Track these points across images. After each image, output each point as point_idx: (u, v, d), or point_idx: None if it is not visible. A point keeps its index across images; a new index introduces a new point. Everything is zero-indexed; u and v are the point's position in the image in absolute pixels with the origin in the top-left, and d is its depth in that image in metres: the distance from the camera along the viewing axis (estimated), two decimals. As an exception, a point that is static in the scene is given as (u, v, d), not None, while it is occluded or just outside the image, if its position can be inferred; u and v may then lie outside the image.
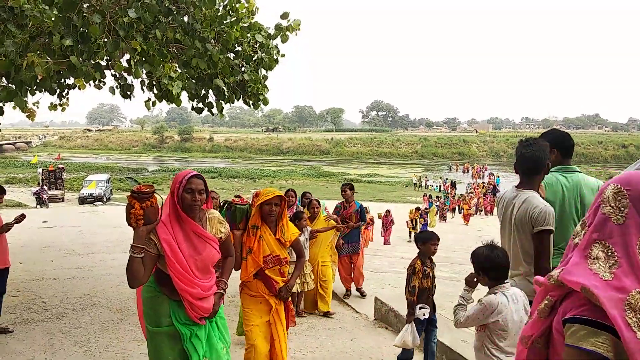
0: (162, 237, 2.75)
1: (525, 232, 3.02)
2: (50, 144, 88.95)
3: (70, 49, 4.43)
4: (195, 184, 2.85)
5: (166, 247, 2.75)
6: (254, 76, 6.12)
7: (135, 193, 2.65)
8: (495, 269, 2.81)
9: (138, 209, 2.63)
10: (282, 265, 3.87)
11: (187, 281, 2.80)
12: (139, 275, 2.69)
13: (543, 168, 3.12)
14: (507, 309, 2.74)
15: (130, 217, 2.65)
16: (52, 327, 5.67)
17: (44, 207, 26.05)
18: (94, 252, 10.76)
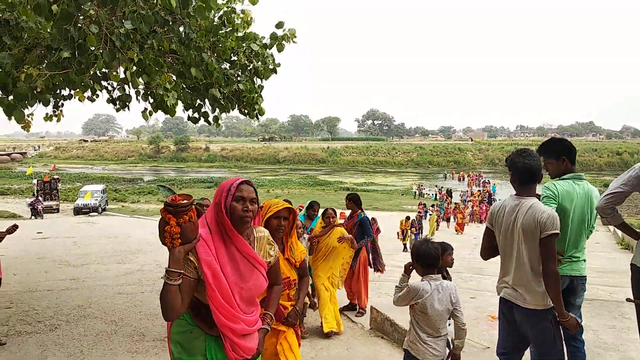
0: (203, 258, 2.26)
1: (532, 238, 3.08)
2: (46, 155, 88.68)
3: (68, 60, 4.43)
4: (247, 192, 2.41)
5: (207, 271, 2.25)
6: (249, 85, 6.13)
7: (170, 206, 2.18)
8: (425, 260, 3.27)
9: (174, 226, 2.16)
10: (291, 288, 3.45)
11: (230, 315, 2.31)
12: (175, 306, 2.18)
13: (539, 177, 3.23)
14: (429, 295, 3.19)
15: (165, 235, 2.17)
16: (45, 339, 5.62)
17: (39, 218, 25.92)
18: (89, 263, 10.70)
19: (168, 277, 2.18)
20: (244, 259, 2.36)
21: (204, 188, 46.58)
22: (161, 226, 2.20)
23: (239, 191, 2.40)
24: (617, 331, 5.48)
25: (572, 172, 3.67)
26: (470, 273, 10.31)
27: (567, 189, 3.53)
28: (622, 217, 3.50)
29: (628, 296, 3.50)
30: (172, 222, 2.16)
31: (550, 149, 3.76)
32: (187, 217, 2.19)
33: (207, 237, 2.30)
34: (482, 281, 9.18)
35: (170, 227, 2.16)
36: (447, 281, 3.34)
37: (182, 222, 2.18)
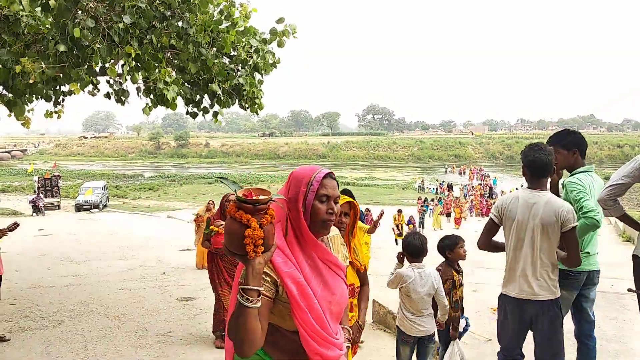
0: (283, 270, 1.77)
1: (552, 231, 3.10)
2: (46, 152, 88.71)
3: (65, 54, 4.43)
4: (332, 188, 1.90)
5: (292, 287, 1.76)
6: (249, 80, 6.12)
7: (247, 202, 1.66)
8: (410, 249, 3.72)
9: (257, 229, 1.64)
10: (354, 297, 3.07)
11: (323, 339, 1.81)
12: (256, 337, 1.66)
13: (551, 171, 3.24)
14: (412, 281, 3.63)
15: (247, 242, 1.63)
16: (48, 335, 5.64)
17: (40, 215, 25.95)
18: (91, 260, 10.73)
19: (247, 297, 1.63)
20: (325, 266, 1.91)
21: (205, 184, 46.64)
22: (233, 231, 1.66)
23: (323, 187, 1.88)
24: (618, 322, 5.50)
25: (583, 165, 3.64)
26: (472, 267, 10.31)
27: (588, 182, 3.49)
28: (623, 209, 3.50)
29: (628, 287, 3.51)
30: (253, 225, 1.65)
31: (562, 139, 3.71)
32: (269, 217, 1.71)
33: (282, 242, 1.82)
34: (484, 274, 9.20)
35: (253, 231, 1.65)
36: (430, 268, 3.74)
37: (265, 224, 1.68)
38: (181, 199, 36.70)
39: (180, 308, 6.82)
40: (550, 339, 3.22)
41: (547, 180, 3.29)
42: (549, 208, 3.09)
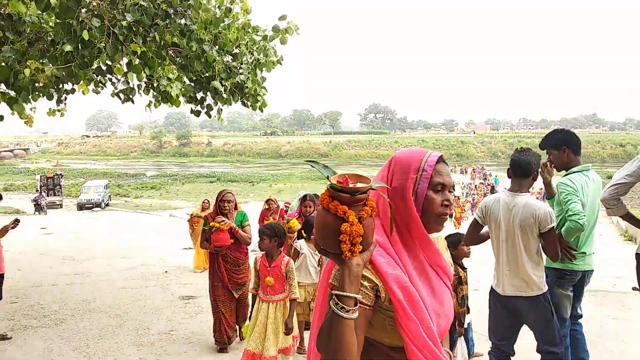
0: (387, 272, 1.45)
1: (531, 232, 3.21)
2: (49, 151, 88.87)
3: (71, 54, 4.43)
4: (447, 175, 1.59)
5: (399, 293, 1.43)
6: (251, 77, 6.11)
7: (344, 191, 1.37)
8: None
9: (355, 224, 1.35)
10: None
11: (435, 357, 1.47)
12: (351, 354, 1.36)
13: (531, 173, 3.33)
14: None
15: (343, 239, 1.34)
16: (50, 333, 5.65)
17: (42, 213, 26.01)
18: (93, 258, 10.74)
19: (342, 306, 1.35)
20: (433, 272, 1.59)
21: (207, 183, 46.67)
22: (327, 225, 1.38)
23: (438, 174, 1.56)
24: (620, 321, 5.49)
25: (578, 163, 3.62)
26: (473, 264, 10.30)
27: (581, 182, 3.49)
28: (626, 208, 3.49)
29: (633, 285, 3.51)
30: (351, 218, 1.35)
31: (550, 139, 3.73)
32: (370, 210, 1.41)
33: (383, 239, 1.52)
34: (485, 273, 9.18)
35: (351, 227, 1.34)
36: None
37: (364, 218, 1.39)
38: (183, 197, 36.73)
39: (182, 307, 6.83)
40: (545, 330, 3.31)
41: (529, 181, 3.35)
42: (527, 210, 3.20)
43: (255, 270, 4.21)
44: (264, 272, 4.11)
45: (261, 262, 4.15)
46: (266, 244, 4.09)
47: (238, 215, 5.18)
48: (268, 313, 4.06)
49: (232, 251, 5.08)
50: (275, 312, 4.08)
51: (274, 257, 4.13)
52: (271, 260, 4.12)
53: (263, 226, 4.22)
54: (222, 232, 4.89)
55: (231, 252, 5.07)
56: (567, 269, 3.49)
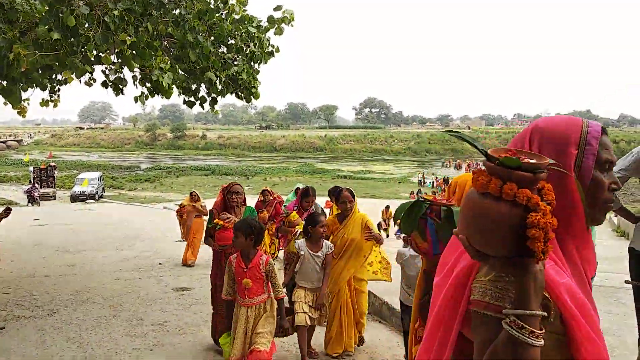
0: (557, 282, 1.13)
1: None
2: (42, 142, 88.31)
3: (59, 42, 4.38)
4: (611, 149, 1.29)
5: (575, 309, 1.13)
6: (246, 68, 6.08)
7: (526, 169, 1.05)
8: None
9: (547, 214, 1.03)
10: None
11: None
12: None
13: None
14: (406, 259, 4.06)
15: (534, 236, 1.01)
16: (43, 324, 5.63)
17: (36, 205, 25.87)
18: (86, 250, 10.70)
19: (530, 330, 1.03)
20: (584, 272, 1.28)
21: (201, 176, 46.57)
22: (499, 217, 1.04)
23: (604, 149, 1.25)
24: (612, 316, 5.53)
25: None
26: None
27: None
28: (620, 202, 3.51)
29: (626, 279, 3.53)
30: (542, 207, 1.03)
31: None
32: (551, 195, 1.08)
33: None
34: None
35: (544, 217, 1.01)
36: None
37: (553, 206, 1.06)
38: (177, 190, 36.66)
39: (176, 298, 6.82)
40: None
41: None
42: None
43: (229, 273, 3.74)
44: (240, 274, 3.66)
45: (236, 264, 3.69)
46: (241, 242, 3.64)
47: (246, 211, 4.81)
48: (248, 317, 3.67)
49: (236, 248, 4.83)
50: (255, 316, 3.70)
51: (250, 257, 3.69)
52: (247, 260, 3.68)
53: (238, 221, 3.84)
54: (228, 230, 4.53)
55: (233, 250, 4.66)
56: None
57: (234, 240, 3.71)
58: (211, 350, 4.87)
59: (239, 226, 3.67)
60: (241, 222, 3.74)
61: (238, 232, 3.64)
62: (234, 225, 3.84)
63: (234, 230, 3.71)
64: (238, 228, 3.66)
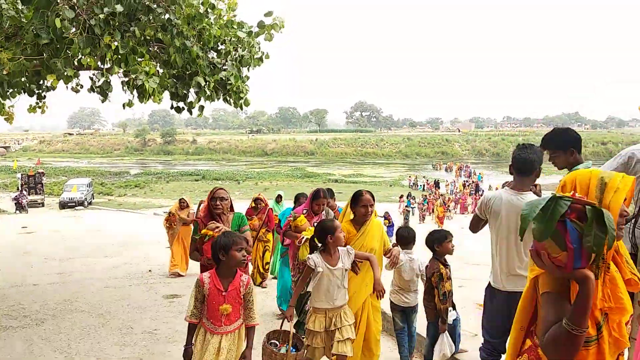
0: None
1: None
2: (30, 149, 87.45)
3: (45, 46, 4.34)
4: None
5: None
6: (235, 74, 6.05)
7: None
8: (400, 239, 4.47)
9: None
10: None
11: None
12: None
13: (535, 170, 3.35)
14: (403, 264, 4.18)
15: None
16: (31, 334, 5.54)
17: (24, 212, 25.57)
18: (75, 257, 10.59)
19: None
20: None
21: (192, 181, 46.34)
22: None
23: None
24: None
25: (581, 161, 3.57)
26: (459, 262, 10.37)
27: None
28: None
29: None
30: None
31: (556, 140, 3.62)
32: None
33: None
34: (470, 270, 9.25)
35: None
36: (416, 255, 4.40)
37: None
38: (167, 196, 36.41)
39: (166, 305, 6.75)
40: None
41: (532, 179, 3.37)
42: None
43: (197, 294, 3.18)
44: (217, 298, 3.12)
45: (211, 285, 3.13)
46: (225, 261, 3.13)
47: (235, 219, 4.29)
48: (221, 348, 3.14)
49: None
50: (229, 347, 3.17)
51: (229, 278, 3.17)
52: (226, 281, 3.15)
53: (218, 236, 3.28)
54: None
55: None
56: None
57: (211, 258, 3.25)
58: (202, 358, 4.82)
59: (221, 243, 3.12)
60: (223, 235, 3.21)
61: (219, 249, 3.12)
62: (211, 242, 3.35)
63: (212, 247, 3.19)
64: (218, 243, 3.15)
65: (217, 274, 3.17)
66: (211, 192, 4.32)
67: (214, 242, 3.21)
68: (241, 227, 4.27)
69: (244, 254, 3.17)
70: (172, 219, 9.18)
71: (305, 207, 5.24)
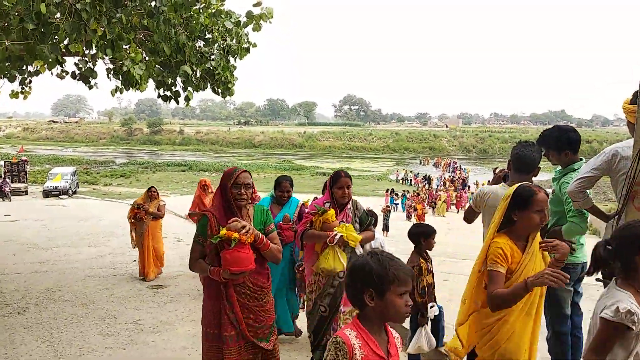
0: None
1: None
2: (14, 136, 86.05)
3: (31, 32, 4.26)
4: None
5: None
6: (223, 63, 6.00)
7: None
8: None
9: None
10: None
11: None
12: None
13: (535, 169, 3.33)
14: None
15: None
16: (13, 322, 5.49)
17: (7, 200, 25.21)
18: (58, 246, 10.48)
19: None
20: None
21: (179, 172, 46.01)
22: None
23: None
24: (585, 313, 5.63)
25: (576, 160, 3.58)
26: (444, 257, 10.46)
27: None
28: (592, 200, 3.56)
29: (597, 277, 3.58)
30: None
31: (550, 140, 3.61)
32: None
33: None
34: (455, 264, 9.34)
35: None
36: (380, 235, 4.68)
37: None
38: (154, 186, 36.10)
39: (150, 296, 6.72)
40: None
41: (530, 177, 3.35)
42: None
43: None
44: None
45: (367, 350, 1.76)
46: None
47: (257, 213, 3.20)
48: None
49: (253, 276, 3.06)
50: None
51: (381, 335, 1.87)
52: (382, 341, 1.85)
53: (362, 260, 1.85)
54: (243, 246, 2.87)
55: (251, 277, 3.05)
56: (570, 263, 3.49)
57: (353, 298, 1.85)
58: (186, 349, 4.81)
59: (375, 275, 1.76)
60: (374, 265, 1.77)
61: (364, 286, 1.78)
62: (350, 268, 1.88)
63: (352, 280, 1.83)
64: (366, 278, 1.77)
65: (365, 328, 1.80)
66: (229, 174, 3.09)
67: (356, 270, 1.82)
68: (266, 225, 3.19)
69: (408, 302, 1.78)
70: (141, 213, 7.66)
71: (326, 199, 3.97)
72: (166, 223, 9.23)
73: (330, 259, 3.63)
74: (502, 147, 75.00)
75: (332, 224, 3.71)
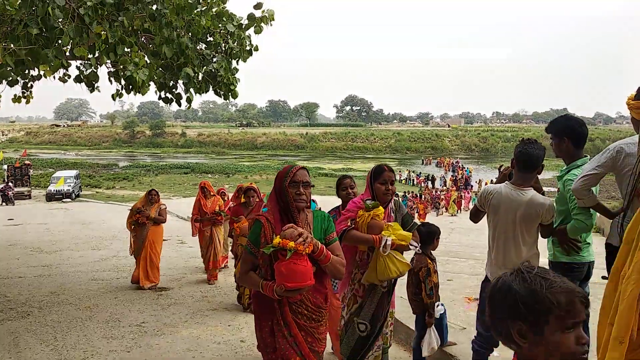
0: None
1: (531, 226, 3.32)
2: (17, 140, 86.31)
3: (35, 36, 4.27)
4: None
5: None
6: (224, 65, 5.99)
7: None
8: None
9: None
10: None
11: None
12: None
13: (538, 166, 3.34)
14: None
15: None
16: (17, 326, 5.49)
17: (10, 204, 25.28)
18: (62, 250, 10.49)
19: None
20: None
21: (181, 174, 46.06)
22: None
23: None
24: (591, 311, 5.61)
25: (579, 156, 3.49)
26: (447, 256, 10.44)
27: None
28: (597, 198, 3.53)
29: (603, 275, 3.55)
30: None
31: (554, 125, 3.54)
32: None
33: None
34: (458, 264, 9.30)
35: None
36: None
37: None
38: (157, 189, 36.13)
39: (154, 298, 6.72)
40: None
41: (534, 175, 3.35)
42: (531, 206, 3.26)
43: None
44: None
45: None
46: None
47: (318, 219, 2.77)
48: None
49: (311, 293, 2.65)
50: None
51: None
52: None
53: (505, 279, 1.50)
54: (301, 258, 2.42)
55: (309, 294, 2.64)
56: (576, 262, 3.47)
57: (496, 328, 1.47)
58: (190, 351, 4.80)
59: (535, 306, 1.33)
60: (519, 283, 1.40)
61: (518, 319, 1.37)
62: (490, 291, 1.51)
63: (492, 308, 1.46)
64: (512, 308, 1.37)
65: None
66: (285, 172, 2.69)
67: (494, 296, 1.46)
68: (328, 234, 2.75)
69: (582, 338, 1.36)
70: (141, 219, 7.21)
71: (367, 197, 3.45)
72: (169, 226, 9.24)
73: (390, 263, 3.13)
74: (504, 146, 74.88)
75: (379, 223, 3.20)
